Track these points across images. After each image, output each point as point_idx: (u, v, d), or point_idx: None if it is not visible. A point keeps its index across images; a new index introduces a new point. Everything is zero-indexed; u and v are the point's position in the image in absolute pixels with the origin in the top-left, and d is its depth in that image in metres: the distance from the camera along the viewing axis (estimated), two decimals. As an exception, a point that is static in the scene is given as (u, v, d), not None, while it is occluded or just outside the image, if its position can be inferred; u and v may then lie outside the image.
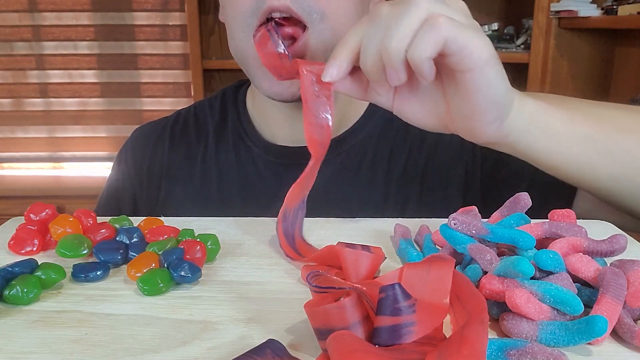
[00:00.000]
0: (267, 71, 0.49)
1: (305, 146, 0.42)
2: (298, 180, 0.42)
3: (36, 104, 2.07)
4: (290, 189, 0.42)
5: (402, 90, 0.43)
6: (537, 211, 0.41)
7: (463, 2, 0.41)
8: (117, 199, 0.69)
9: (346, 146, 0.62)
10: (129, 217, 0.46)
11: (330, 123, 0.41)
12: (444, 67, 0.39)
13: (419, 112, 0.43)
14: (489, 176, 0.60)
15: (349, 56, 0.39)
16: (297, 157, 0.61)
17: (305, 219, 0.47)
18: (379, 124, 0.63)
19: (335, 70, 0.40)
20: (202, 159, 0.66)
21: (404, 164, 0.61)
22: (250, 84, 0.68)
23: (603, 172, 0.45)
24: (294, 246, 0.42)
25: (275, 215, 0.43)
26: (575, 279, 0.33)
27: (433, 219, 0.47)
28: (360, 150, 0.62)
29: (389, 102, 0.44)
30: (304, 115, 0.41)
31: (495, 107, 0.40)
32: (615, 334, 0.30)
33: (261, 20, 0.51)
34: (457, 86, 0.40)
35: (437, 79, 0.40)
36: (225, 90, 0.71)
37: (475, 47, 0.37)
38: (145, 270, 0.36)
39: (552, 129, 0.43)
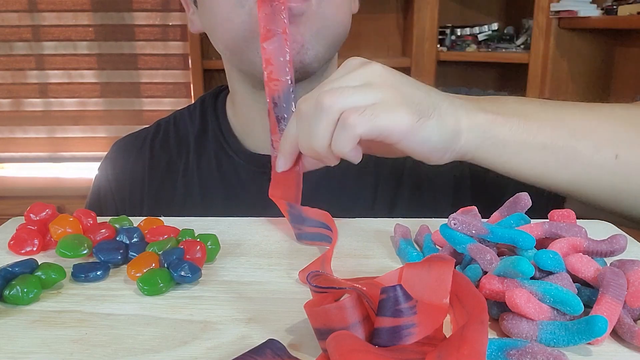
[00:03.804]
0: None
1: None
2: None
3: (36, 104, 2.07)
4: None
5: None
6: (528, 211, 0.41)
7: (375, 66, 0.43)
8: (100, 214, 0.68)
9: None
10: (129, 217, 0.46)
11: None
12: None
13: (379, 153, 0.47)
14: (478, 177, 0.59)
15: (291, 149, 0.45)
16: None
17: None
18: None
19: (282, 163, 0.47)
20: (183, 172, 0.65)
21: (391, 166, 0.61)
22: (228, 92, 0.67)
23: (563, 178, 0.46)
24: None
25: None
26: (575, 279, 0.33)
27: (433, 219, 0.47)
28: None
29: None
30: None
31: (440, 149, 0.43)
32: (615, 334, 0.30)
33: None
34: (398, 147, 0.42)
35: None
36: (204, 98, 0.70)
37: (392, 127, 0.40)
38: (145, 270, 0.36)
39: (506, 142, 0.44)
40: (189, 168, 0.65)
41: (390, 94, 0.41)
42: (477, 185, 0.59)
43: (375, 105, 0.40)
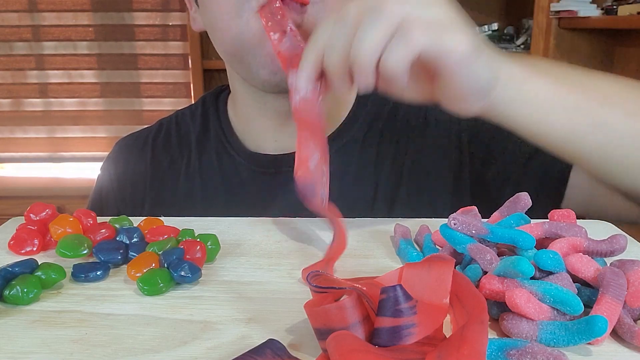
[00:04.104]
0: (268, 56, 0.51)
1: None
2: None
3: (36, 104, 2.07)
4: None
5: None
6: (528, 211, 0.41)
7: None
8: (101, 213, 0.68)
9: (330, 151, 0.61)
10: (129, 217, 0.46)
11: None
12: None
13: (403, 93, 0.42)
14: (477, 175, 0.59)
15: (317, 60, 0.39)
16: (281, 165, 0.61)
17: (305, 219, 0.47)
18: (363, 127, 0.62)
19: (305, 78, 0.39)
20: (185, 172, 0.65)
21: (390, 165, 0.61)
22: (229, 91, 0.67)
23: (590, 144, 0.44)
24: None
25: None
26: (575, 279, 0.33)
27: (433, 219, 0.47)
28: (345, 155, 0.61)
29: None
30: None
31: (480, 92, 0.41)
32: (615, 334, 0.31)
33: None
34: (440, 77, 0.39)
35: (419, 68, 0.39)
36: (206, 97, 0.70)
37: (453, 48, 0.37)
38: (145, 270, 0.36)
39: (538, 99, 0.43)
40: (190, 167, 0.65)
41: (449, 16, 0.38)
42: (477, 185, 0.60)
43: (439, 22, 0.37)
